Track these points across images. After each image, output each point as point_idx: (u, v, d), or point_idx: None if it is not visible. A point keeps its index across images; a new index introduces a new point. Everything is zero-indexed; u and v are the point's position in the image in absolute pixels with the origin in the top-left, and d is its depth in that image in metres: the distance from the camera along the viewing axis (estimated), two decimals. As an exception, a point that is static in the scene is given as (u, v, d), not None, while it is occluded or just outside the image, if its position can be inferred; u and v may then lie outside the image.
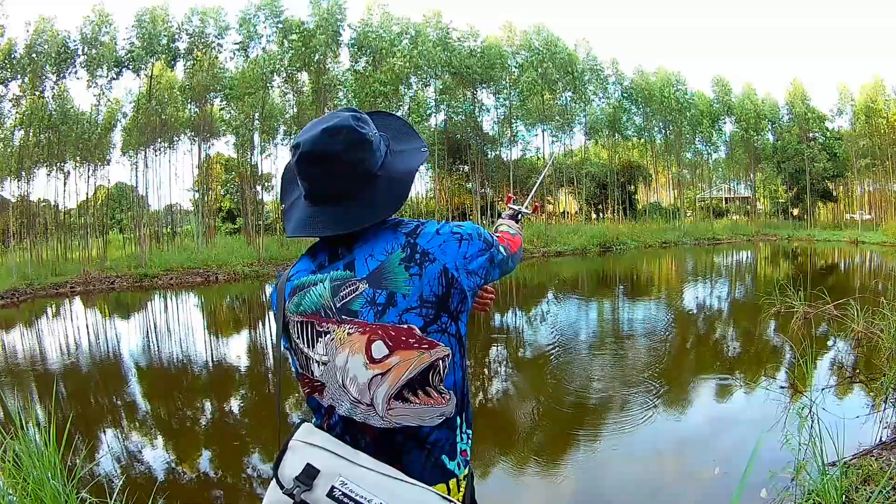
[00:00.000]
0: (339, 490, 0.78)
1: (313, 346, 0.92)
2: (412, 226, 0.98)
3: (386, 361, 0.87)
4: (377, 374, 0.88)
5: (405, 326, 0.88)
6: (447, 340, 0.91)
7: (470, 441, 0.97)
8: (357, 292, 0.90)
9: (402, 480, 0.82)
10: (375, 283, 0.90)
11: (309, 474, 0.80)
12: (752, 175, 32.83)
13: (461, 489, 0.93)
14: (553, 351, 7.36)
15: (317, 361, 0.92)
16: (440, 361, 0.90)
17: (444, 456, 0.91)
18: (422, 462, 0.90)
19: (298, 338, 0.94)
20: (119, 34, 20.32)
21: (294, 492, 0.79)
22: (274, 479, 0.83)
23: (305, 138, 0.93)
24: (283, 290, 0.96)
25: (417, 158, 1.04)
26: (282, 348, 1.01)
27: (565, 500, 3.52)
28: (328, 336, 0.90)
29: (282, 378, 0.99)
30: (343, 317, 0.90)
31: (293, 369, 1.00)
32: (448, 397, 0.91)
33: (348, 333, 0.89)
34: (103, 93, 20.34)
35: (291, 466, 0.82)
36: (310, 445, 0.84)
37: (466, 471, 0.95)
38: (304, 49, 21.96)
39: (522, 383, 5.94)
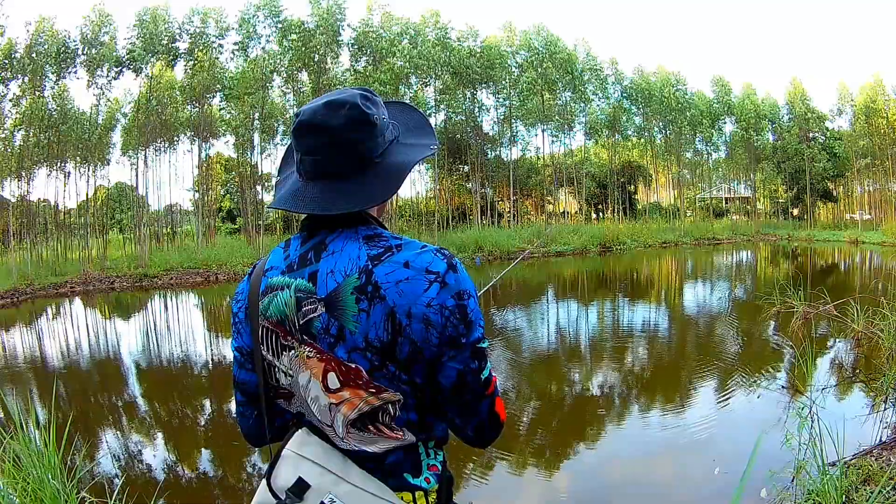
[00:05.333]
0: None
1: (279, 357, 0.90)
2: (381, 248, 0.85)
3: (339, 394, 0.85)
4: (332, 403, 0.86)
5: (353, 366, 0.83)
6: (397, 388, 0.84)
7: (440, 455, 0.92)
8: (316, 314, 0.85)
9: (389, 502, 0.84)
10: (330, 309, 0.84)
11: (300, 488, 0.82)
12: (752, 175, 32.83)
13: (429, 500, 0.89)
14: (552, 350, 7.36)
15: (283, 372, 0.90)
16: (389, 405, 0.85)
17: (405, 474, 0.89)
18: (382, 478, 0.87)
19: (263, 344, 0.91)
20: (119, 34, 20.35)
21: (287, 502, 0.82)
22: (264, 483, 0.85)
23: (306, 108, 0.89)
24: (258, 286, 0.92)
25: (420, 152, 0.95)
26: (240, 342, 0.96)
27: (565, 500, 3.52)
28: (292, 352, 0.88)
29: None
30: (304, 336, 0.86)
31: (245, 365, 0.96)
32: (402, 434, 0.87)
33: (307, 356, 0.86)
34: (103, 93, 20.35)
35: (284, 477, 0.84)
36: (302, 458, 0.85)
37: (437, 485, 0.91)
38: (303, 49, 21.96)
39: (521, 382, 5.94)
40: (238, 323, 0.96)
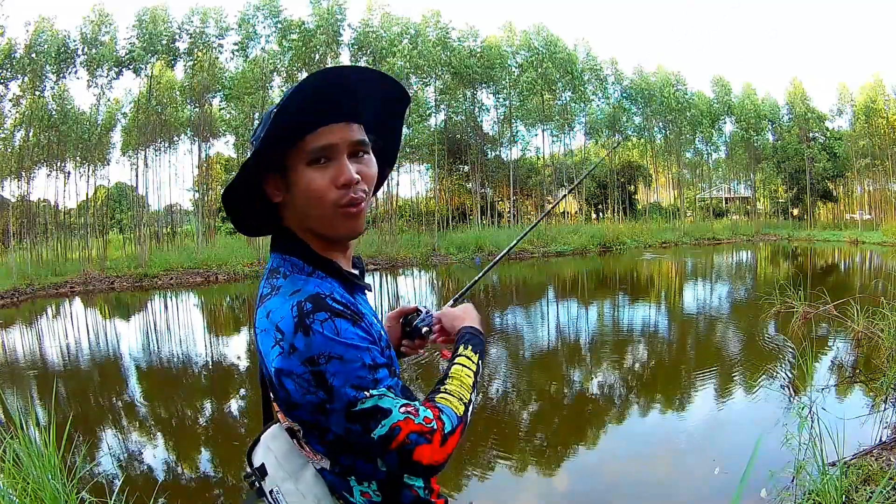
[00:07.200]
0: (273, 498, 0.88)
1: None
2: (269, 287, 0.84)
3: (275, 403, 0.90)
4: (275, 410, 0.92)
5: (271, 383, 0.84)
6: (292, 417, 0.85)
7: (374, 485, 0.86)
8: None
9: None
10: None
11: (262, 472, 0.90)
12: (752, 175, 32.82)
13: None
14: (552, 350, 7.36)
15: None
16: (296, 429, 0.85)
17: (344, 492, 0.86)
18: (335, 490, 0.87)
19: None
20: (119, 34, 20.33)
21: (251, 479, 0.92)
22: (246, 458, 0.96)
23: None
24: None
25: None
26: None
27: (565, 500, 3.52)
28: None
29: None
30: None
31: None
32: (319, 457, 0.85)
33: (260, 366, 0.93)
34: (103, 93, 20.35)
35: (258, 457, 0.92)
36: (269, 449, 0.91)
37: None
38: (304, 49, 21.96)
39: (521, 382, 5.94)
40: None
